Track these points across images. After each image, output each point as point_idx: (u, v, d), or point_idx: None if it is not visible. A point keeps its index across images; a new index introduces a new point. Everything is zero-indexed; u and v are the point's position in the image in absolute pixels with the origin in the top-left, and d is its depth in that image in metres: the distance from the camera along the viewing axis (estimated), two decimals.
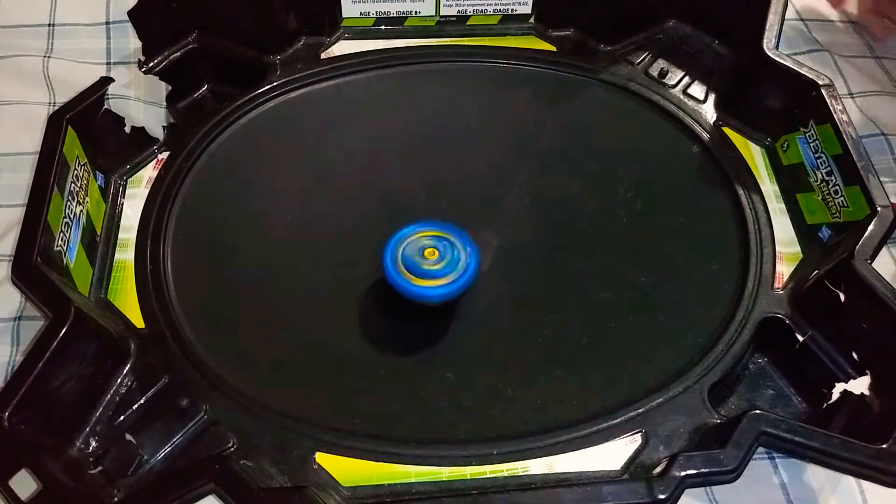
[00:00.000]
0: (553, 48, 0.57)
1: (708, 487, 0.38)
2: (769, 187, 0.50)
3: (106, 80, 0.48)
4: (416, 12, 0.58)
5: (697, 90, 0.55)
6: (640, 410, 0.40)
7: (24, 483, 0.33)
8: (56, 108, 0.46)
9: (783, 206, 0.49)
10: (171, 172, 0.49)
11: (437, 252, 0.41)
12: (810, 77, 0.48)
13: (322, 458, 0.38)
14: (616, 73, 0.56)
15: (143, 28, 0.52)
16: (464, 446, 0.39)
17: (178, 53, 0.53)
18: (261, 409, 0.39)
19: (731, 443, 0.35)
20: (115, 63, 0.56)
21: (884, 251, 0.45)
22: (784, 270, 0.45)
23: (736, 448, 0.35)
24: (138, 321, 0.42)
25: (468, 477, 0.38)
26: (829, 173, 0.46)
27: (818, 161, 0.47)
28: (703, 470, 0.35)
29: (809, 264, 0.45)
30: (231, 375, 0.41)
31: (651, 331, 0.44)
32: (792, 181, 0.49)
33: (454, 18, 0.58)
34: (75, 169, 0.44)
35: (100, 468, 0.37)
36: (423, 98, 0.55)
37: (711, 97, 0.54)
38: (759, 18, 0.51)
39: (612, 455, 0.39)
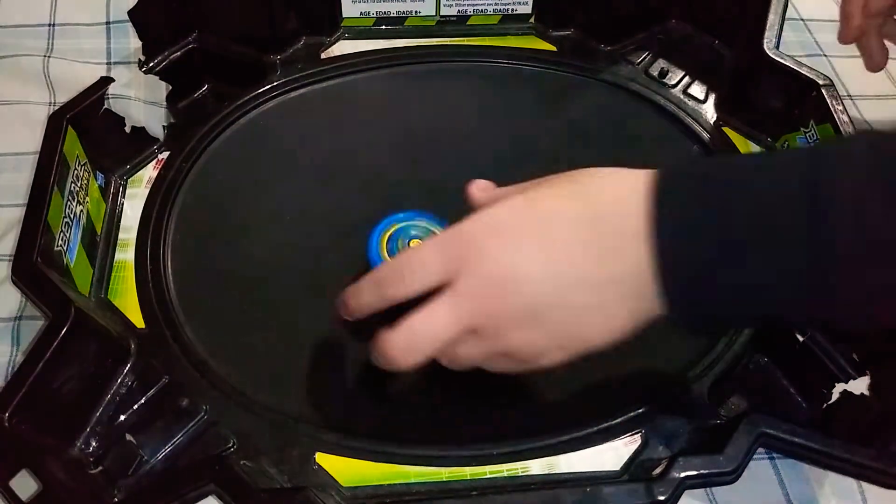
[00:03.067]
0: (553, 48, 0.57)
1: (708, 488, 0.38)
2: None
3: (106, 80, 0.48)
4: (416, 12, 0.58)
5: (697, 90, 0.55)
6: (640, 410, 0.40)
7: (24, 483, 0.33)
8: (56, 107, 0.46)
9: None
10: (171, 172, 0.49)
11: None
12: (810, 77, 0.48)
13: (322, 459, 0.38)
14: (616, 73, 0.56)
15: (144, 28, 0.52)
16: (464, 446, 0.39)
17: (179, 53, 0.53)
18: (261, 409, 0.39)
19: (731, 444, 0.35)
20: (115, 63, 0.56)
21: None
22: None
23: (736, 449, 0.35)
24: (138, 321, 0.42)
25: (468, 477, 0.38)
26: None
27: None
28: (702, 471, 0.35)
29: None
30: (231, 375, 0.41)
31: (651, 331, 0.44)
32: None
33: (454, 18, 0.58)
34: (75, 169, 0.44)
35: (100, 468, 0.37)
36: (423, 98, 0.55)
37: (711, 97, 0.54)
38: (759, 18, 0.51)
39: (612, 455, 0.39)
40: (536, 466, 0.38)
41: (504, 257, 0.32)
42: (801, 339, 0.42)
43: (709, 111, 0.54)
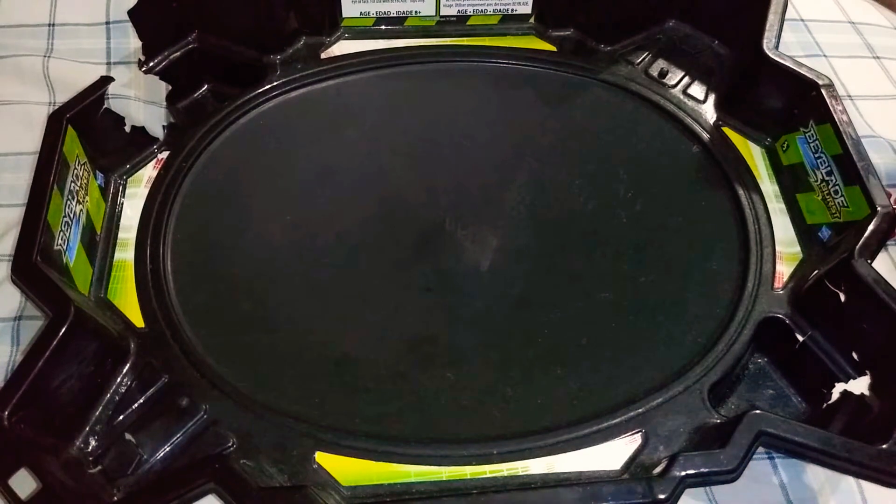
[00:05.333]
0: (553, 48, 0.57)
1: (708, 487, 0.38)
2: (769, 187, 0.50)
3: (106, 80, 0.48)
4: (416, 12, 0.58)
5: (697, 90, 0.55)
6: (640, 410, 0.40)
7: (23, 482, 0.33)
8: (56, 107, 0.46)
9: (783, 206, 0.49)
10: (171, 172, 0.49)
11: None
12: (810, 77, 0.48)
13: (322, 458, 0.38)
14: (616, 73, 0.56)
15: (144, 28, 0.52)
16: (464, 446, 0.39)
17: (179, 53, 0.53)
18: (261, 409, 0.39)
19: (731, 443, 0.35)
20: (115, 63, 0.56)
21: (883, 252, 0.45)
22: (784, 270, 0.45)
23: (736, 448, 0.35)
24: (138, 321, 0.42)
25: (468, 476, 0.38)
26: (829, 173, 0.46)
27: (818, 161, 0.47)
28: (702, 470, 0.35)
29: (809, 264, 0.45)
30: (231, 375, 0.41)
31: (651, 331, 0.44)
32: (792, 181, 0.49)
33: (454, 18, 0.58)
34: (75, 168, 0.44)
35: (99, 467, 0.37)
36: (423, 98, 0.55)
37: (711, 97, 0.54)
38: (759, 18, 0.51)
39: (612, 455, 0.39)
40: (536, 466, 0.38)
41: None
42: (800, 339, 0.42)
43: (709, 111, 0.54)
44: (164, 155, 0.50)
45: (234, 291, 0.45)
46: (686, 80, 0.55)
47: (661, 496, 0.34)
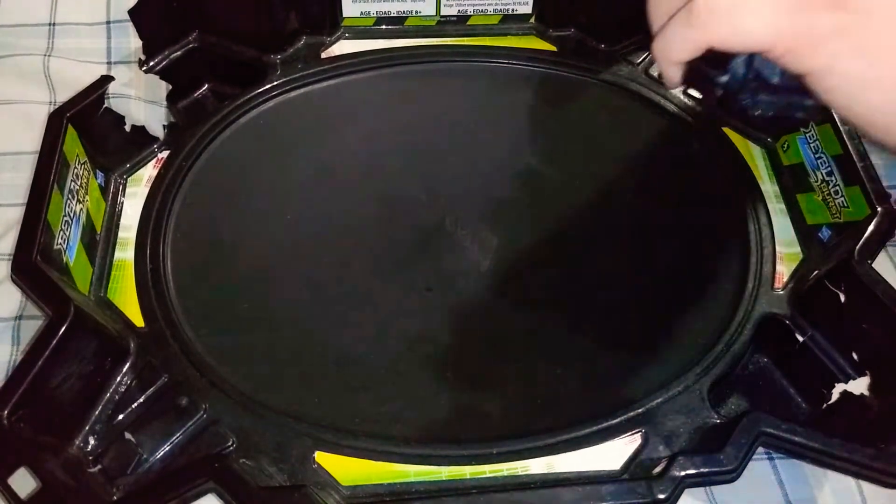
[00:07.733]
0: (553, 48, 0.57)
1: (707, 487, 0.38)
2: (769, 187, 0.50)
3: (106, 79, 0.48)
4: (416, 12, 0.58)
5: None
6: (640, 410, 0.40)
7: (23, 481, 0.33)
8: (56, 107, 0.46)
9: (783, 206, 0.49)
10: (171, 171, 0.49)
11: None
12: None
13: (321, 458, 0.38)
14: (616, 73, 0.56)
15: (144, 27, 0.52)
16: (464, 446, 0.39)
17: (179, 53, 0.53)
18: (261, 409, 0.39)
19: (731, 443, 0.35)
20: (115, 62, 0.56)
21: (882, 252, 0.45)
22: (784, 270, 0.45)
23: (735, 448, 0.35)
24: (138, 320, 0.42)
25: (468, 476, 0.38)
26: (830, 173, 0.46)
27: (818, 161, 0.47)
28: (702, 470, 0.35)
29: (809, 264, 0.45)
30: (231, 375, 0.41)
31: (651, 331, 0.44)
32: (792, 181, 0.49)
33: (454, 18, 0.58)
34: (75, 167, 0.44)
35: (99, 467, 0.37)
36: (423, 98, 0.55)
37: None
38: None
39: (611, 455, 0.39)
40: (536, 466, 0.38)
41: None
42: (801, 339, 0.42)
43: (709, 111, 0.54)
44: (165, 154, 0.50)
45: (234, 291, 0.45)
46: None
47: (661, 496, 0.34)
